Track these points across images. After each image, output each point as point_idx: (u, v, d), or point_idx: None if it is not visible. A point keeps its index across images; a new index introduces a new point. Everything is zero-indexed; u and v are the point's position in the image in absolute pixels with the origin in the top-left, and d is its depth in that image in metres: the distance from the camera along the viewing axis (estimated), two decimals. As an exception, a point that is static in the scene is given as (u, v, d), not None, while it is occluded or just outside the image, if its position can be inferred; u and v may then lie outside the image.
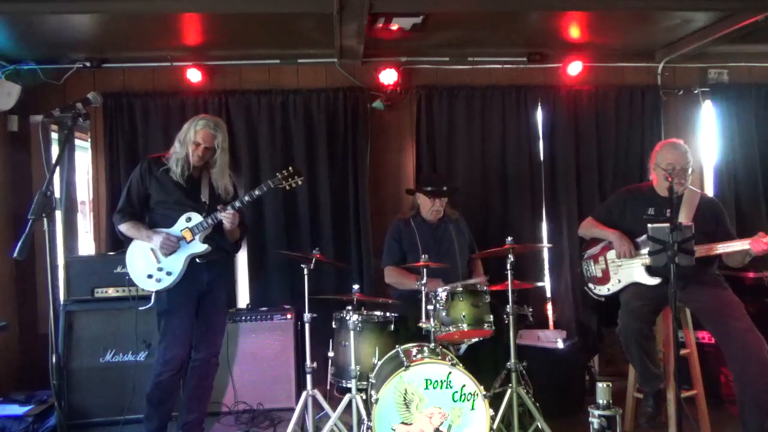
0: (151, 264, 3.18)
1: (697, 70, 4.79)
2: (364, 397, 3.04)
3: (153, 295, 3.19)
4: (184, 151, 3.19)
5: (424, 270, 3.18)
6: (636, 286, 3.32)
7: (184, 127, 3.23)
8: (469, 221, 4.12)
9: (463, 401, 2.79)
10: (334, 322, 3.27)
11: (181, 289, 3.18)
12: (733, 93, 4.69)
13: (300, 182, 3.30)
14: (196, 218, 3.20)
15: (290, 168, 3.28)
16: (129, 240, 3.27)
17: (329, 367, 3.23)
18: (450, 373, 2.81)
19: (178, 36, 4.07)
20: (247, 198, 3.20)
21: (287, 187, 3.28)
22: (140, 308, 3.32)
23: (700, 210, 3.31)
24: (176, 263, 3.17)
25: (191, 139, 3.17)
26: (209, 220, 3.18)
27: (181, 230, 3.19)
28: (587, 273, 3.57)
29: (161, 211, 3.24)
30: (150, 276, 3.17)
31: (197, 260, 3.21)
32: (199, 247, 3.19)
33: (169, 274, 3.16)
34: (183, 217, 3.20)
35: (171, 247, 3.14)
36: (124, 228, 3.24)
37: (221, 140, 3.20)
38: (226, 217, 3.14)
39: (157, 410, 3.18)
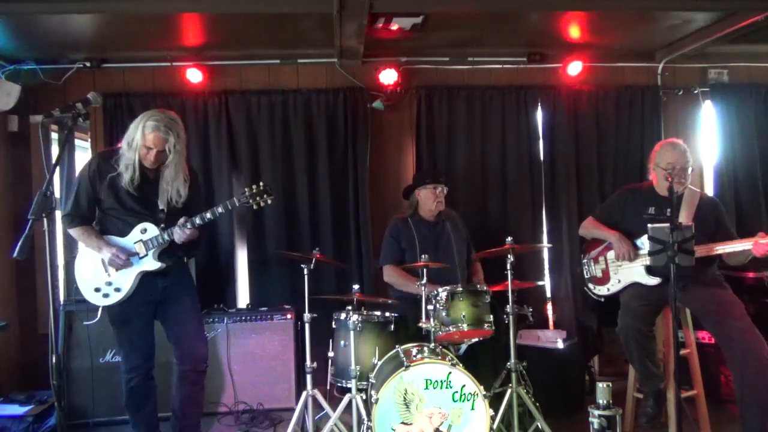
0: (100, 276, 2.96)
1: (697, 70, 4.80)
2: (364, 397, 3.04)
3: (100, 309, 2.98)
4: (134, 155, 2.87)
5: (424, 270, 3.18)
6: (636, 286, 3.32)
7: (131, 127, 2.89)
8: (469, 221, 4.13)
9: (463, 401, 2.79)
10: (334, 322, 3.27)
11: (132, 298, 2.97)
12: (733, 93, 4.69)
13: (270, 201, 2.96)
14: (152, 231, 2.94)
15: (261, 184, 2.96)
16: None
17: (329, 367, 3.23)
18: (450, 373, 2.81)
19: (178, 36, 4.07)
20: (209, 215, 2.92)
21: (255, 206, 2.96)
22: (85, 323, 3.05)
23: (700, 209, 3.31)
24: (126, 279, 2.95)
25: (139, 144, 2.84)
26: (166, 236, 2.92)
27: (135, 243, 2.95)
28: (587, 273, 3.57)
29: (114, 214, 2.97)
30: (97, 290, 2.95)
31: None
32: (152, 264, 2.95)
33: (117, 290, 2.94)
34: (138, 228, 2.95)
35: (120, 265, 2.91)
36: (74, 233, 2.99)
37: (174, 142, 2.85)
38: (182, 234, 2.90)
39: (139, 415, 3.09)
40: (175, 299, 3.09)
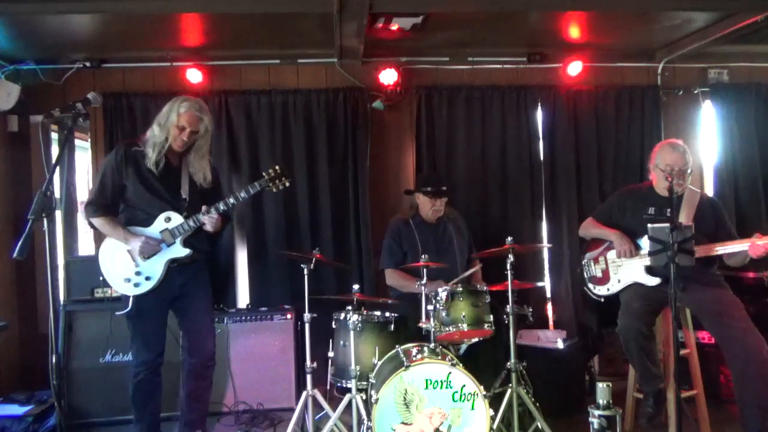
0: (129, 267, 3.01)
1: (697, 70, 4.80)
2: (364, 397, 3.04)
3: (131, 299, 3.01)
4: (164, 135, 2.96)
5: (424, 270, 3.18)
6: (636, 286, 3.32)
7: (165, 109, 3.00)
8: (469, 221, 4.12)
9: (463, 401, 2.79)
10: (334, 323, 3.27)
11: (150, 294, 3.03)
12: (733, 93, 4.69)
13: (288, 183, 3.13)
14: (176, 219, 3.02)
15: (277, 168, 3.12)
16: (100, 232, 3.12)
17: (329, 367, 3.23)
18: (450, 373, 2.80)
19: (178, 36, 4.07)
20: (232, 200, 3.04)
21: (274, 189, 3.12)
22: (117, 313, 3.08)
23: (700, 210, 3.30)
24: (156, 267, 3.01)
25: (174, 123, 2.94)
26: (191, 223, 3.00)
27: (160, 231, 3.02)
28: (587, 273, 3.57)
29: (137, 205, 3.04)
30: (128, 280, 3.01)
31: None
32: (180, 251, 3.03)
33: (148, 279, 3.01)
34: (162, 217, 3.02)
35: (152, 251, 2.98)
36: (97, 223, 3.04)
37: (207, 123, 3.00)
38: (209, 221, 3.00)
39: (143, 411, 3.12)
40: (192, 296, 3.16)
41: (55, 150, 4.25)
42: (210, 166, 3.16)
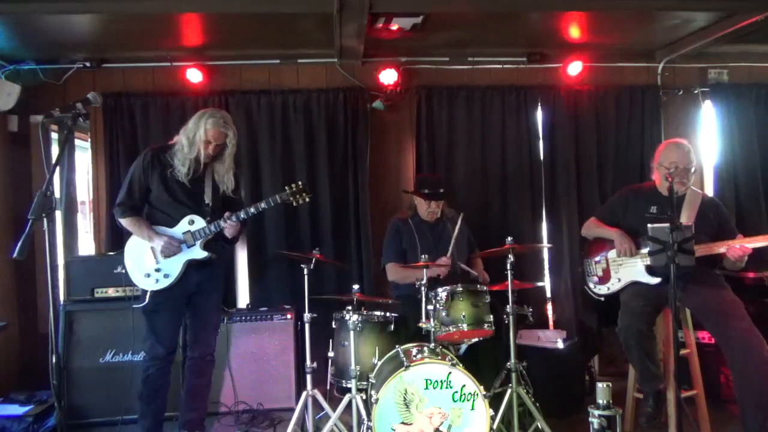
0: (150, 263, 3.14)
1: (697, 70, 4.80)
2: (364, 397, 3.04)
3: (148, 294, 3.14)
4: (195, 151, 3.10)
5: (425, 270, 3.18)
6: (636, 285, 3.32)
7: (191, 124, 3.12)
8: (469, 221, 4.11)
9: (463, 401, 2.79)
10: (334, 323, 3.27)
11: (168, 290, 3.15)
12: (733, 93, 4.69)
13: (308, 199, 3.23)
14: (199, 222, 3.15)
15: (300, 183, 3.23)
16: (129, 232, 3.24)
17: (329, 367, 3.23)
18: (450, 373, 2.81)
19: (178, 36, 4.07)
20: (252, 210, 3.14)
21: (295, 203, 3.22)
22: (134, 306, 3.26)
23: (702, 210, 3.31)
24: (175, 266, 3.14)
25: (201, 138, 3.08)
26: (212, 227, 3.14)
27: (183, 233, 3.15)
28: (588, 272, 3.57)
29: (162, 207, 3.17)
30: (148, 275, 3.14)
31: None
32: (199, 253, 3.16)
33: (166, 276, 3.13)
34: (186, 219, 3.15)
35: (173, 251, 3.11)
36: (125, 223, 3.19)
37: (232, 136, 3.14)
38: (229, 228, 3.15)
39: (149, 407, 3.18)
40: (206, 295, 3.28)
41: (55, 150, 4.26)
42: (234, 174, 3.28)
